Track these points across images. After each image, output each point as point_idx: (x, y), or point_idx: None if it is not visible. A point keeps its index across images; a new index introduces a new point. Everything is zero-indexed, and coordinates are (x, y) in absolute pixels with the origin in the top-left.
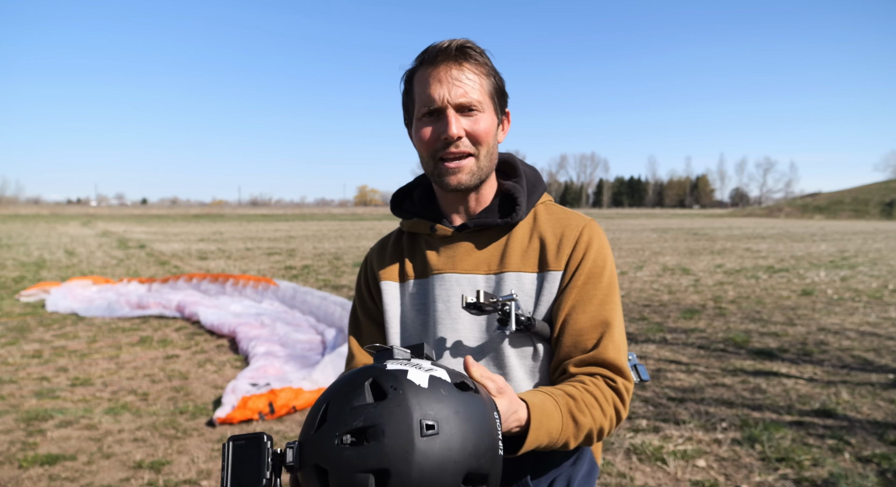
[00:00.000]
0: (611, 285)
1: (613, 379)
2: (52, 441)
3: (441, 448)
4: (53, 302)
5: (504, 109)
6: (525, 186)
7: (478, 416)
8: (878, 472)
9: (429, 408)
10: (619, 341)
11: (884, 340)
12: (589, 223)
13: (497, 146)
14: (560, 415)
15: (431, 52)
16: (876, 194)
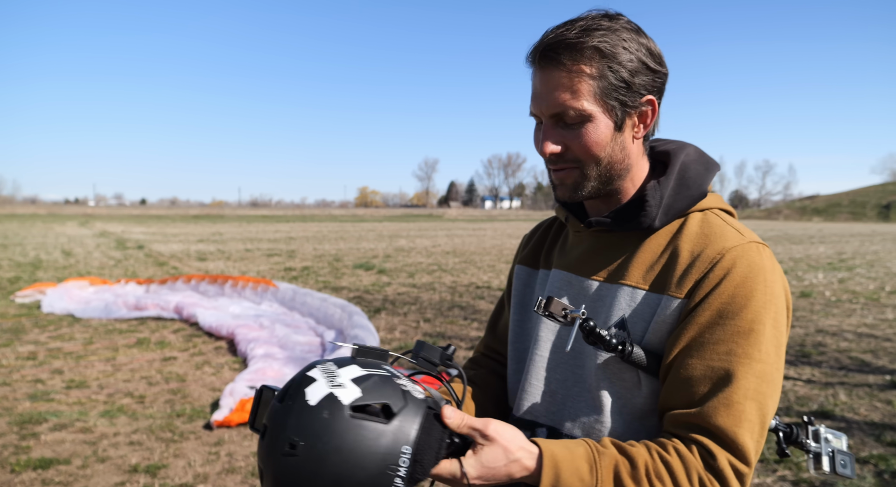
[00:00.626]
0: (752, 332)
1: (714, 455)
2: (45, 445)
3: (296, 470)
4: (49, 303)
5: (631, 104)
6: (669, 188)
7: (356, 447)
8: (876, 473)
9: (300, 427)
10: (742, 407)
11: (881, 342)
12: (743, 246)
13: (626, 148)
14: (594, 479)
15: (531, 50)
16: (873, 197)
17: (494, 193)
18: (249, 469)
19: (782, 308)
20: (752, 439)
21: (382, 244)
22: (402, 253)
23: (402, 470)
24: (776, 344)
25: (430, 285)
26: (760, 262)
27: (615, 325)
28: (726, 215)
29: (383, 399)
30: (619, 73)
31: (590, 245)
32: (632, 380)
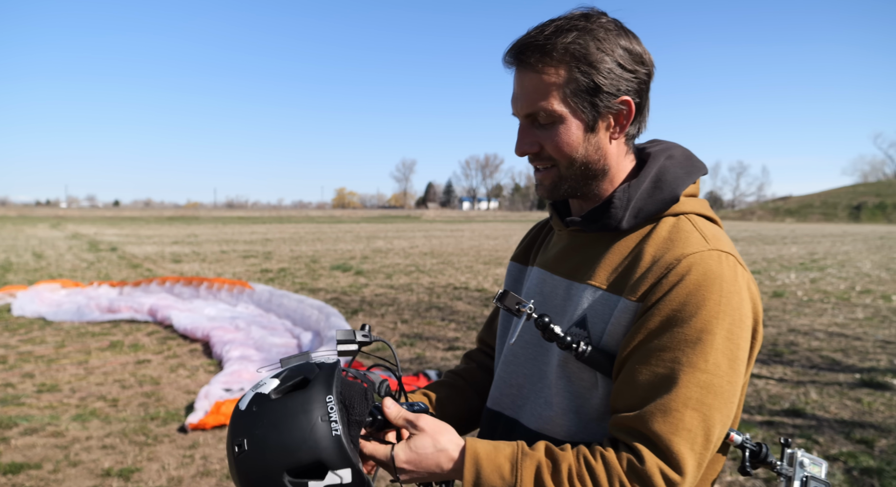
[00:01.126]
0: (701, 343)
1: (643, 460)
2: (16, 450)
3: (252, 462)
4: (20, 306)
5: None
6: (640, 190)
7: (287, 417)
8: (845, 470)
9: (238, 430)
10: (679, 416)
11: (851, 341)
12: (703, 254)
13: (601, 149)
14: (514, 477)
15: (505, 52)
16: (844, 198)
17: (472, 194)
18: (224, 471)
19: (741, 319)
20: (689, 449)
21: (360, 245)
22: (380, 254)
23: (333, 415)
24: (729, 356)
25: (408, 286)
26: (718, 271)
27: (576, 324)
28: (703, 221)
29: (299, 376)
30: (590, 75)
31: (566, 244)
32: (590, 381)
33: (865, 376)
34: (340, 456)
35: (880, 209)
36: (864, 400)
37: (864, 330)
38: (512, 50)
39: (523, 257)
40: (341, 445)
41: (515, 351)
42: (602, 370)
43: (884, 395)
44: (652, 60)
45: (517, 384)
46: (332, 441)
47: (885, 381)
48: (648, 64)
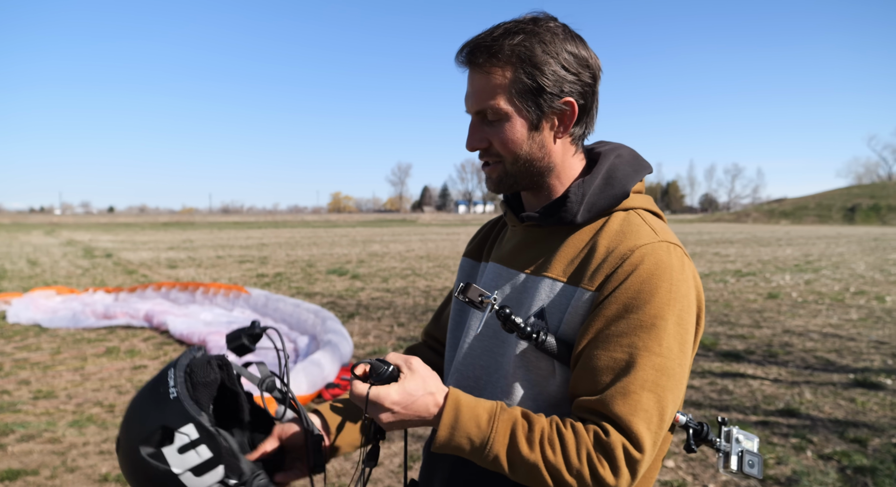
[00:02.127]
0: (654, 327)
1: (608, 434)
2: (12, 456)
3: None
4: (15, 313)
5: (546, 106)
6: (593, 186)
7: (139, 399)
8: (839, 469)
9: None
10: (637, 397)
11: (845, 341)
12: (654, 245)
13: (546, 147)
14: (491, 428)
15: (456, 53)
16: (838, 200)
17: (468, 198)
18: None
19: (689, 306)
20: (647, 428)
21: (356, 249)
22: (376, 258)
23: (171, 382)
24: (679, 340)
25: (404, 290)
26: (668, 261)
27: (535, 315)
28: (650, 215)
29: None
30: (534, 76)
31: (521, 238)
32: (547, 369)
33: (859, 376)
34: (179, 414)
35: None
36: (858, 400)
37: (858, 330)
38: (462, 51)
39: (476, 253)
40: (178, 404)
41: (472, 344)
42: (560, 358)
43: (877, 395)
44: (598, 65)
45: (475, 376)
46: (169, 403)
47: (879, 381)
48: (594, 68)
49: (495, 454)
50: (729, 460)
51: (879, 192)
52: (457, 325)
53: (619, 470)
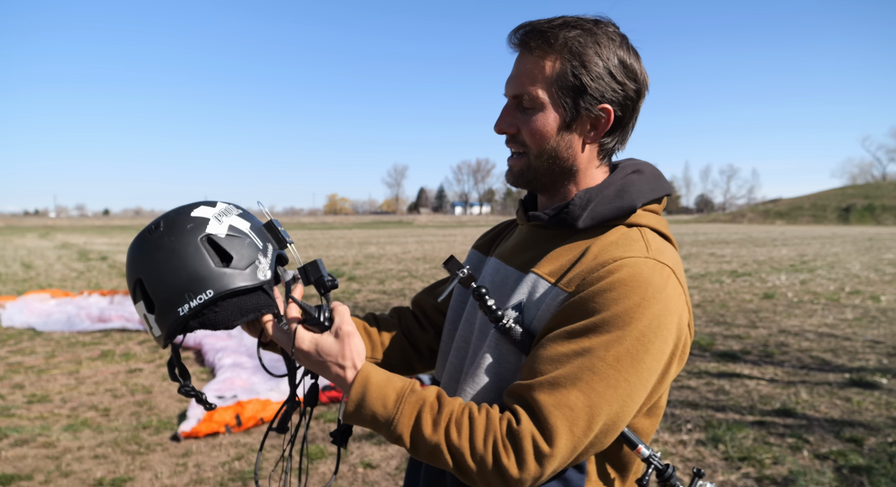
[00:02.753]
0: (608, 335)
1: (520, 422)
2: (6, 461)
3: (142, 242)
4: (9, 316)
5: (583, 105)
6: (598, 194)
7: (183, 261)
8: (835, 468)
9: (171, 220)
10: (566, 397)
11: (840, 341)
12: (639, 259)
13: (573, 148)
14: (396, 409)
15: (511, 32)
16: (833, 200)
17: (464, 199)
18: (217, 479)
19: (658, 327)
20: (567, 427)
21: (352, 251)
22: (372, 259)
23: (194, 302)
24: (635, 356)
25: (401, 291)
26: (648, 276)
27: (513, 307)
28: (654, 235)
29: (234, 253)
30: (579, 74)
31: (524, 237)
32: (516, 363)
33: (855, 375)
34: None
35: (869, 211)
36: (854, 400)
37: (854, 330)
38: (517, 31)
39: (485, 247)
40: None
41: (462, 335)
42: (525, 350)
43: (873, 394)
44: (646, 81)
45: (458, 364)
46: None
47: (874, 380)
48: (641, 82)
49: (399, 433)
50: None
51: (874, 192)
52: (455, 312)
53: (524, 463)
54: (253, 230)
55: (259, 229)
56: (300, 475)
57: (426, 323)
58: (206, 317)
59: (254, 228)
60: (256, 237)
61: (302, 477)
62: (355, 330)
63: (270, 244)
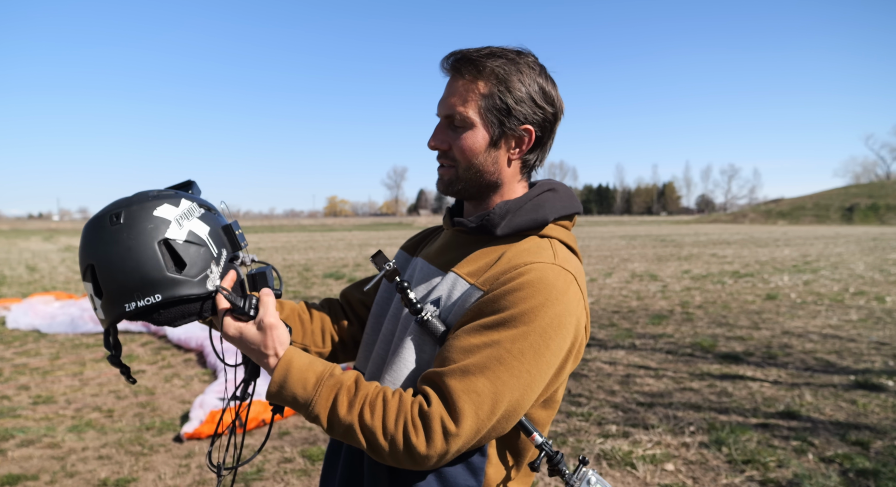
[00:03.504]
0: (514, 330)
1: (430, 404)
2: (12, 461)
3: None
4: (14, 318)
5: (509, 127)
6: (516, 206)
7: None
8: (841, 472)
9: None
10: (475, 383)
11: (845, 342)
12: (546, 265)
13: (498, 164)
14: (315, 391)
15: (443, 59)
16: (836, 199)
17: None
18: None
19: (558, 326)
20: (473, 410)
21: (352, 253)
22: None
23: (140, 302)
24: (536, 350)
25: None
26: (553, 280)
27: (432, 302)
28: (563, 247)
29: (188, 259)
30: (505, 98)
31: (448, 241)
32: (430, 353)
33: (860, 378)
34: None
35: (872, 210)
36: (859, 402)
37: (858, 331)
38: (449, 58)
39: (412, 249)
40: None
41: (387, 328)
42: (440, 342)
43: (879, 397)
44: (562, 107)
45: (381, 355)
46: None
47: (880, 383)
48: (557, 108)
49: (317, 414)
50: None
51: (878, 192)
52: (380, 309)
53: (432, 441)
54: (211, 236)
55: (217, 233)
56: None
57: (352, 315)
58: (150, 316)
59: (212, 233)
60: (213, 244)
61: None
62: (278, 321)
63: (225, 249)
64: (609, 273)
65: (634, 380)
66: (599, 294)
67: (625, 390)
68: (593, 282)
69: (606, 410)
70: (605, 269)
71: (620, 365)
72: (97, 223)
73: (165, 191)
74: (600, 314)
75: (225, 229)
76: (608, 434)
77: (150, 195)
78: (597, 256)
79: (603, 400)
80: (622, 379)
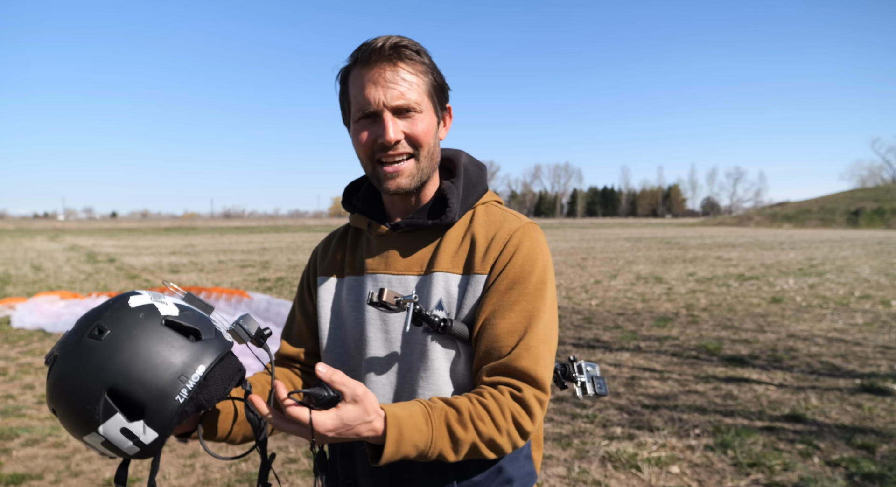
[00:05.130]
0: (538, 291)
1: (520, 389)
2: (17, 461)
3: (90, 351)
4: (19, 317)
5: (445, 105)
6: (461, 186)
7: (160, 352)
8: (846, 476)
9: (114, 319)
10: (537, 350)
11: (851, 346)
12: (524, 226)
13: (438, 144)
14: (430, 429)
15: (365, 52)
16: (842, 203)
17: None
18: (225, 480)
19: (551, 268)
20: (547, 373)
21: None
22: None
23: (189, 384)
24: (552, 296)
25: None
26: (537, 237)
27: (436, 307)
28: (500, 205)
29: (196, 325)
30: (437, 78)
31: (396, 244)
32: (455, 352)
33: (866, 381)
34: (165, 419)
35: (878, 214)
36: (865, 406)
37: (864, 335)
38: (386, 47)
39: (335, 269)
40: (175, 411)
41: (382, 355)
42: (463, 339)
43: (885, 401)
44: None
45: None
46: (172, 402)
47: (886, 386)
48: None
49: (439, 449)
50: (585, 388)
51: (884, 196)
52: (336, 344)
53: (533, 414)
54: (189, 301)
55: (189, 302)
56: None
57: (302, 367)
58: (199, 397)
59: (189, 299)
60: (196, 306)
61: None
62: (363, 386)
63: (204, 310)
64: (614, 275)
65: (639, 382)
66: (604, 296)
67: (630, 392)
68: (598, 284)
69: (611, 412)
70: (610, 271)
71: (625, 367)
72: (82, 349)
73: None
74: (605, 316)
75: (188, 299)
76: (613, 436)
77: (106, 304)
78: (602, 258)
79: (608, 402)
80: (627, 381)
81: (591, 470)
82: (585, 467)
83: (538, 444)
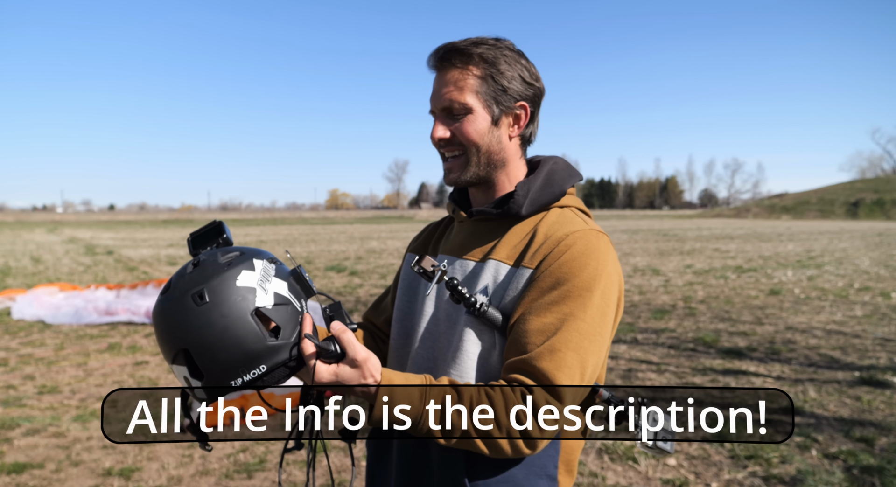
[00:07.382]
0: (582, 297)
1: (532, 390)
2: (18, 450)
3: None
4: (19, 309)
5: (507, 105)
6: (536, 185)
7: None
8: (845, 468)
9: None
10: (563, 355)
11: (850, 338)
12: (586, 230)
13: (502, 142)
14: (422, 405)
15: (430, 55)
16: (841, 194)
17: None
18: (223, 471)
19: (611, 284)
20: (568, 382)
21: (354, 246)
22: (374, 254)
23: (247, 377)
24: (602, 312)
25: None
26: (596, 244)
27: (480, 291)
28: (581, 213)
29: (281, 323)
30: (497, 79)
31: (470, 231)
32: (490, 341)
33: (865, 374)
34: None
35: (878, 205)
36: (864, 398)
37: (863, 327)
38: (437, 52)
39: (422, 248)
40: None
41: (428, 328)
42: (499, 328)
43: (884, 393)
44: (543, 85)
45: (433, 357)
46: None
47: (885, 379)
48: (541, 85)
49: (428, 426)
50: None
51: (883, 187)
52: (405, 315)
53: (539, 422)
54: (291, 291)
55: (293, 286)
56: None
57: (383, 335)
58: (255, 384)
59: (290, 288)
60: (294, 298)
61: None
62: (368, 353)
63: (302, 299)
64: None
65: (636, 375)
66: None
67: (626, 384)
68: None
69: None
70: None
71: (622, 360)
72: (180, 305)
73: (233, 255)
74: None
75: (295, 277)
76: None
77: (222, 263)
78: None
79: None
80: (624, 373)
81: (588, 462)
82: (582, 459)
83: (568, 470)
